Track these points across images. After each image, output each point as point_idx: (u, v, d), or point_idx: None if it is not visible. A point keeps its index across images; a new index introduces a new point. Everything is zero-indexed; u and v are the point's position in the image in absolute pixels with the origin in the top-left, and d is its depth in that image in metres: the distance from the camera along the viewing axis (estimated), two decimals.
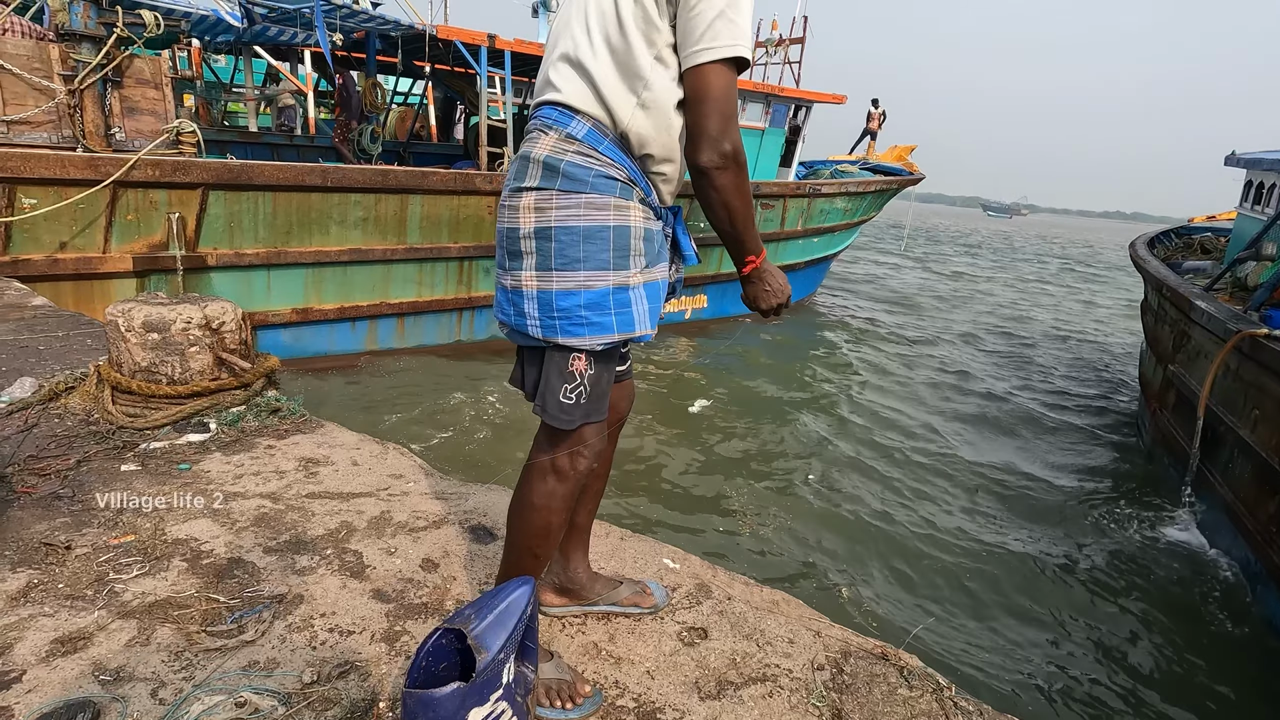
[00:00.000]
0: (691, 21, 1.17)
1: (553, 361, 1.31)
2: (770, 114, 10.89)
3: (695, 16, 1.17)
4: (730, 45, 1.17)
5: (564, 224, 1.24)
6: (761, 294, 1.40)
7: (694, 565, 1.98)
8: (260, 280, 6.86)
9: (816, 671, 1.60)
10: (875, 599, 4.30)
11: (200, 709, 1.31)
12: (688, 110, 1.23)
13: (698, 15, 1.17)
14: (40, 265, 5.71)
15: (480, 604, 1.21)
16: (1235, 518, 4.83)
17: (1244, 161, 7.47)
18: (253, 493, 2.13)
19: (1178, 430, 6.03)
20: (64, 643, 1.46)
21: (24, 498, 1.98)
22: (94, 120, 5.86)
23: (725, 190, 1.24)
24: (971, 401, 8.85)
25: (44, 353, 3.20)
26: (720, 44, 1.17)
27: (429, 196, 7.50)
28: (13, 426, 2.38)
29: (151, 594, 1.63)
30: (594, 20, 1.24)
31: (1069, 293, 21.81)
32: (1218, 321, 5.16)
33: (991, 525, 5.53)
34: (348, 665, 1.46)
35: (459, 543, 1.96)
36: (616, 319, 1.28)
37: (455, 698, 1.10)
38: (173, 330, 2.46)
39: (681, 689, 1.50)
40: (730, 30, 1.17)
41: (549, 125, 1.27)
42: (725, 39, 1.17)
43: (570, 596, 1.69)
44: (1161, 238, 10.14)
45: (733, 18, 1.17)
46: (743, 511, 5.34)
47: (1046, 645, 4.08)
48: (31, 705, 1.29)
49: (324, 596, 1.68)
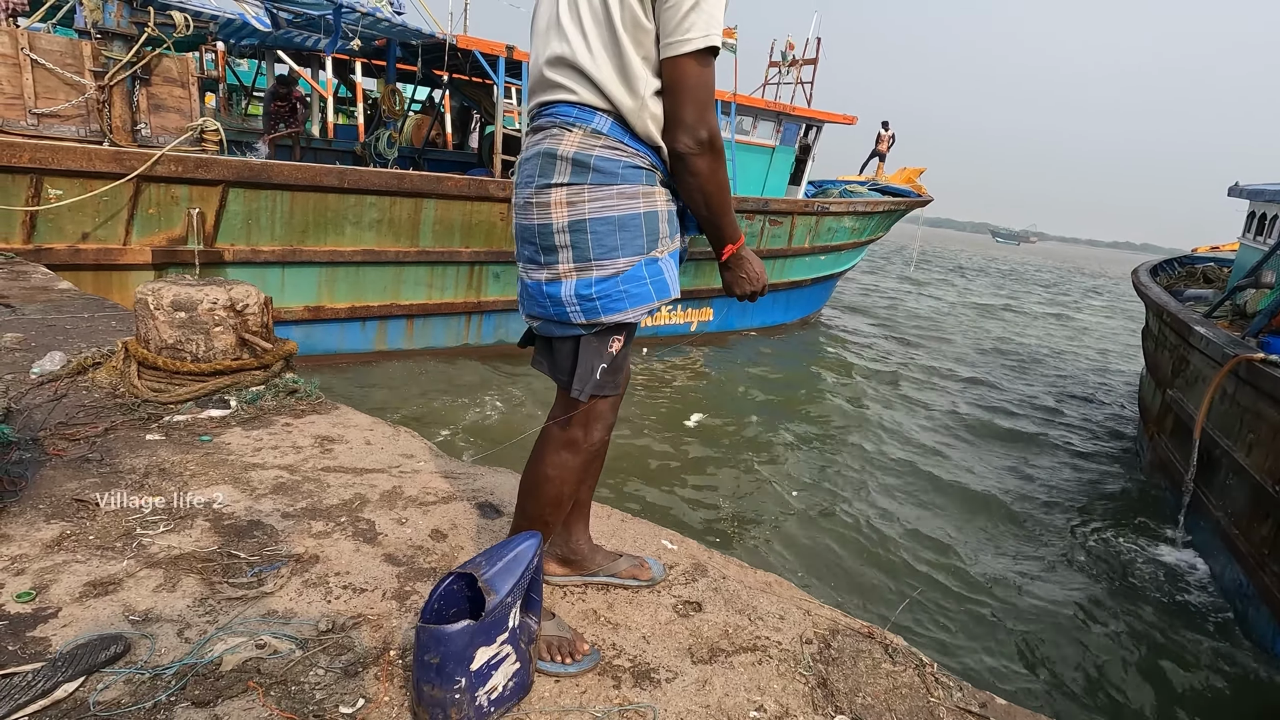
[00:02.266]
0: (666, 14, 1.25)
1: (590, 345, 1.38)
2: (781, 132, 11.05)
3: (670, 9, 1.24)
4: (703, 36, 1.24)
5: (599, 215, 1.32)
6: (738, 280, 1.46)
7: (691, 547, 2.06)
8: (275, 277, 6.99)
9: (805, 645, 1.67)
10: (863, 607, 4.35)
11: (223, 648, 1.39)
12: (665, 99, 1.30)
13: (672, 8, 1.24)
14: (62, 254, 5.85)
15: (490, 553, 1.30)
16: (1229, 540, 4.87)
17: (1247, 193, 7.57)
18: (271, 464, 2.23)
19: (1174, 454, 6.09)
20: (96, 586, 1.55)
21: (55, 460, 2.08)
22: (121, 116, 6.03)
23: (701, 175, 1.31)
24: (970, 420, 8.91)
25: (70, 331, 3.32)
26: (694, 35, 1.24)
27: (443, 201, 7.65)
28: (44, 396, 2.48)
29: (176, 548, 1.72)
30: (588, 23, 1.30)
31: (1072, 317, 21.86)
32: (1215, 346, 5.24)
33: (983, 541, 5.57)
34: (360, 618, 1.55)
35: (467, 517, 2.05)
36: (653, 286, 1.37)
37: (465, 634, 1.19)
38: (199, 310, 2.56)
39: (675, 653, 1.57)
40: (703, 21, 1.24)
41: (571, 122, 1.33)
42: (699, 30, 1.24)
43: (572, 567, 1.77)
44: (1164, 266, 10.24)
45: (705, 8, 1.24)
46: (739, 513, 5.41)
47: (1036, 657, 4.12)
48: (67, 637, 1.38)
49: (338, 558, 1.77)
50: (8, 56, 5.52)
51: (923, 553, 5.12)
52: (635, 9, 1.26)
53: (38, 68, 5.63)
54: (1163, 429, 6.70)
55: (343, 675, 1.36)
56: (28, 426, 2.26)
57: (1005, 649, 4.13)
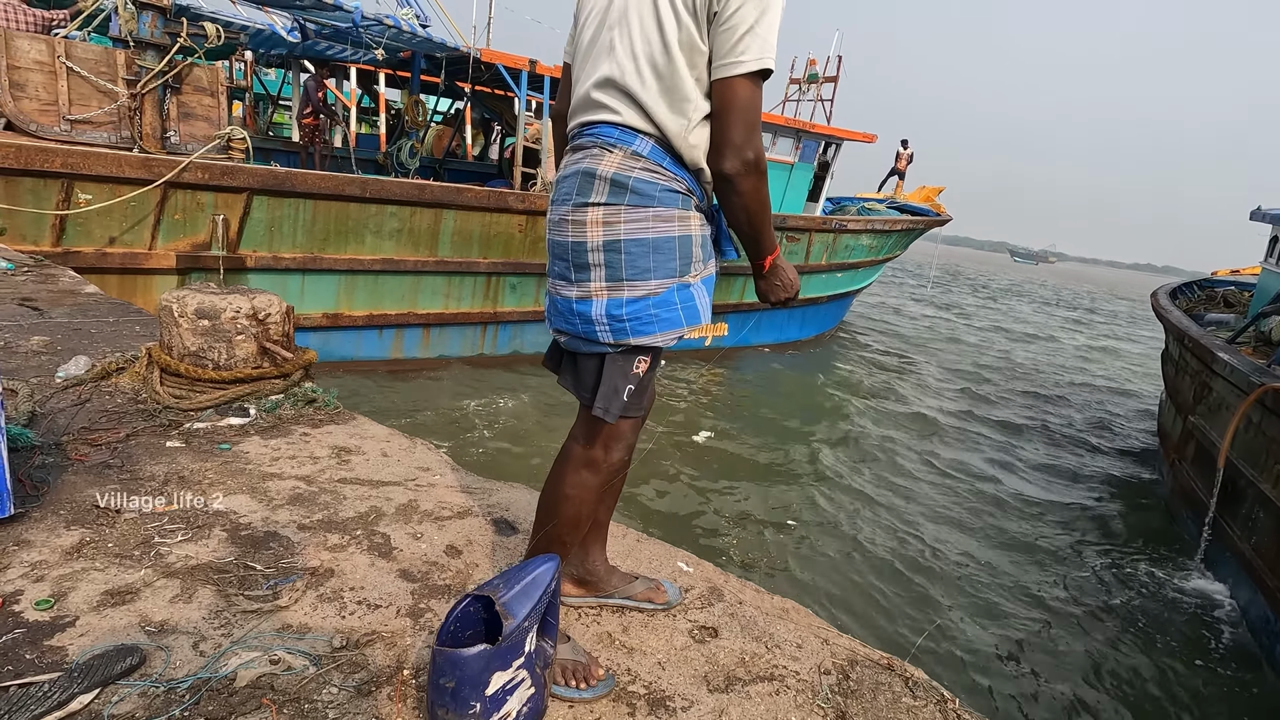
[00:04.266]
0: (721, 36, 1.25)
1: (615, 364, 1.38)
2: (800, 149, 11.06)
3: (726, 31, 1.24)
4: (757, 59, 1.24)
5: (634, 236, 1.32)
6: (773, 288, 1.48)
7: (707, 570, 2.04)
8: (295, 284, 7.07)
9: (823, 675, 1.64)
10: (880, 633, 4.29)
11: (238, 663, 1.39)
12: (714, 119, 1.30)
13: (729, 30, 1.24)
14: (89, 258, 5.95)
15: (508, 575, 1.29)
16: (1254, 573, 4.76)
17: (1269, 217, 7.46)
18: (288, 474, 2.23)
19: (1196, 482, 5.97)
20: (113, 595, 1.55)
21: (77, 464, 2.09)
22: (151, 123, 6.14)
23: (747, 195, 1.31)
24: (986, 441, 8.80)
25: (96, 335, 3.36)
26: (748, 58, 1.24)
27: (462, 212, 7.72)
28: (68, 400, 2.51)
29: (194, 558, 1.72)
30: (639, 47, 1.30)
31: (1091, 337, 21.60)
32: (1241, 374, 5.14)
33: (1001, 568, 5.48)
34: (374, 635, 1.54)
35: (482, 533, 2.04)
36: (684, 313, 1.37)
37: (481, 659, 1.17)
38: (223, 318, 2.59)
39: (691, 681, 1.55)
40: (758, 45, 1.24)
41: (612, 144, 1.34)
42: (753, 53, 1.24)
43: (587, 588, 1.75)
44: (1184, 289, 10.11)
45: (760, 32, 1.24)
46: (754, 533, 5.35)
47: (1059, 693, 4.03)
48: (83, 647, 1.38)
49: (354, 572, 1.76)
50: (44, 64, 5.65)
51: (940, 580, 5.04)
52: (692, 30, 1.26)
53: (73, 75, 5.75)
54: (1184, 456, 6.58)
55: (356, 694, 1.35)
56: (51, 431, 2.28)
57: (1026, 682, 4.05)
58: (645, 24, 1.30)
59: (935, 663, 3.94)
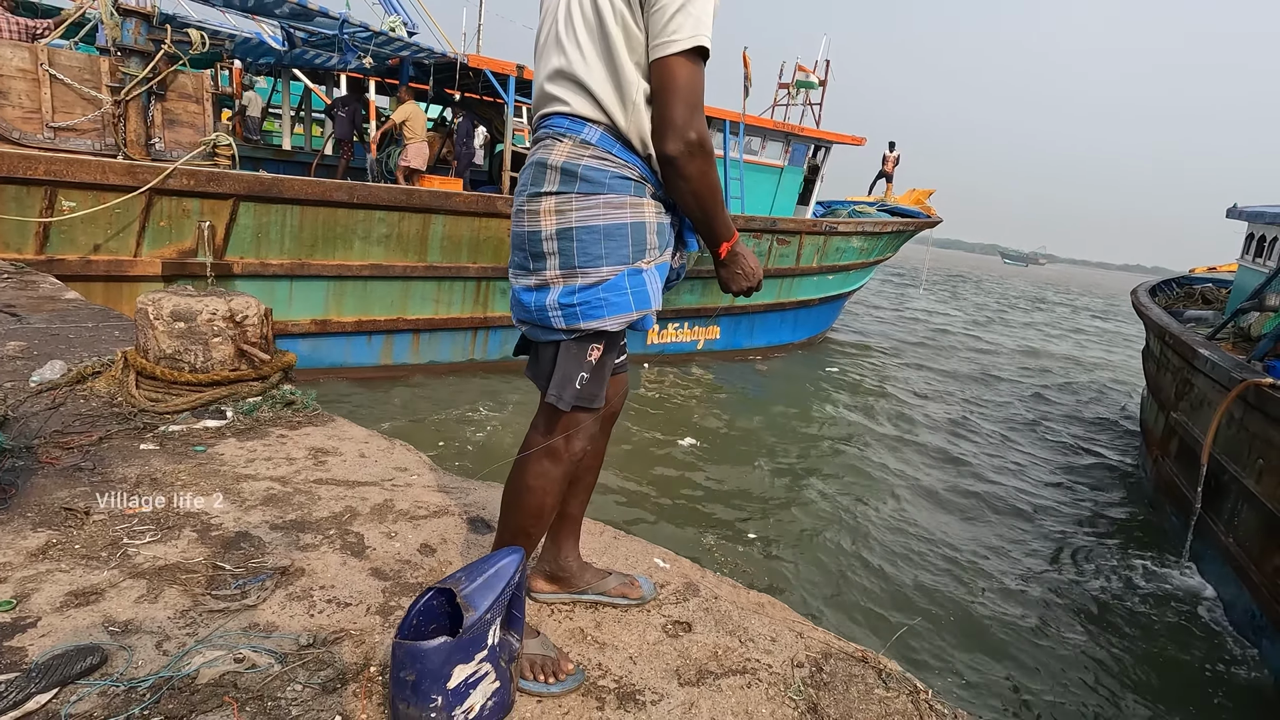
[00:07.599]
0: (654, 16, 1.25)
1: (569, 352, 1.38)
2: (790, 152, 11.11)
3: (657, 12, 1.24)
4: (691, 37, 1.24)
5: (585, 224, 1.33)
6: (734, 276, 1.46)
7: (684, 566, 2.03)
8: (283, 290, 7.04)
9: (796, 668, 1.64)
10: (860, 630, 4.28)
11: (201, 661, 1.37)
12: (654, 101, 1.29)
13: (660, 10, 1.24)
14: (74, 265, 5.92)
15: (471, 568, 1.28)
16: (1240, 569, 4.77)
17: (1246, 214, 7.54)
18: (263, 475, 2.22)
19: (1180, 478, 6.00)
20: (77, 595, 1.53)
21: (47, 468, 2.08)
22: (136, 130, 6.12)
23: (693, 178, 1.30)
24: (972, 441, 8.82)
25: (74, 340, 3.34)
26: (680, 35, 1.23)
27: (451, 217, 7.71)
28: (41, 404, 2.49)
29: (162, 559, 1.71)
30: (582, 35, 1.32)
31: (1078, 335, 21.71)
32: (1222, 370, 5.18)
33: (983, 564, 5.49)
34: (342, 633, 1.53)
35: (457, 531, 2.03)
36: (634, 297, 1.37)
37: (442, 651, 1.16)
38: (199, 320, 2.57)
39: (662, 675, 1.54)
40: (690, 23, 1.23)
41: (562, 133, 1.36)
42: (686, 30, 1.23)
43: (560, 584, 1.75)
44: (1163, 286, 10.21)
45: (692, 11, 1.23)
46: (736, 532, 5.35)
47: (1035, 687, 4.03)
48: (44, 647, 1.36)
49: (324, 571, 1.75)
50: (27, 71, 5.63)
51: (921, 576, 5.04)
52: (625, 15, 1.27)
53: (56, 83, 5.74)
54: (1166, 451, 6.61)
55: (321, 691, 1.34)
56: (23, 434, 2.26)
57: (1002, 676, 4.05)
58: (586, 13, 1.32)
59: (913, 656, 3.94)
